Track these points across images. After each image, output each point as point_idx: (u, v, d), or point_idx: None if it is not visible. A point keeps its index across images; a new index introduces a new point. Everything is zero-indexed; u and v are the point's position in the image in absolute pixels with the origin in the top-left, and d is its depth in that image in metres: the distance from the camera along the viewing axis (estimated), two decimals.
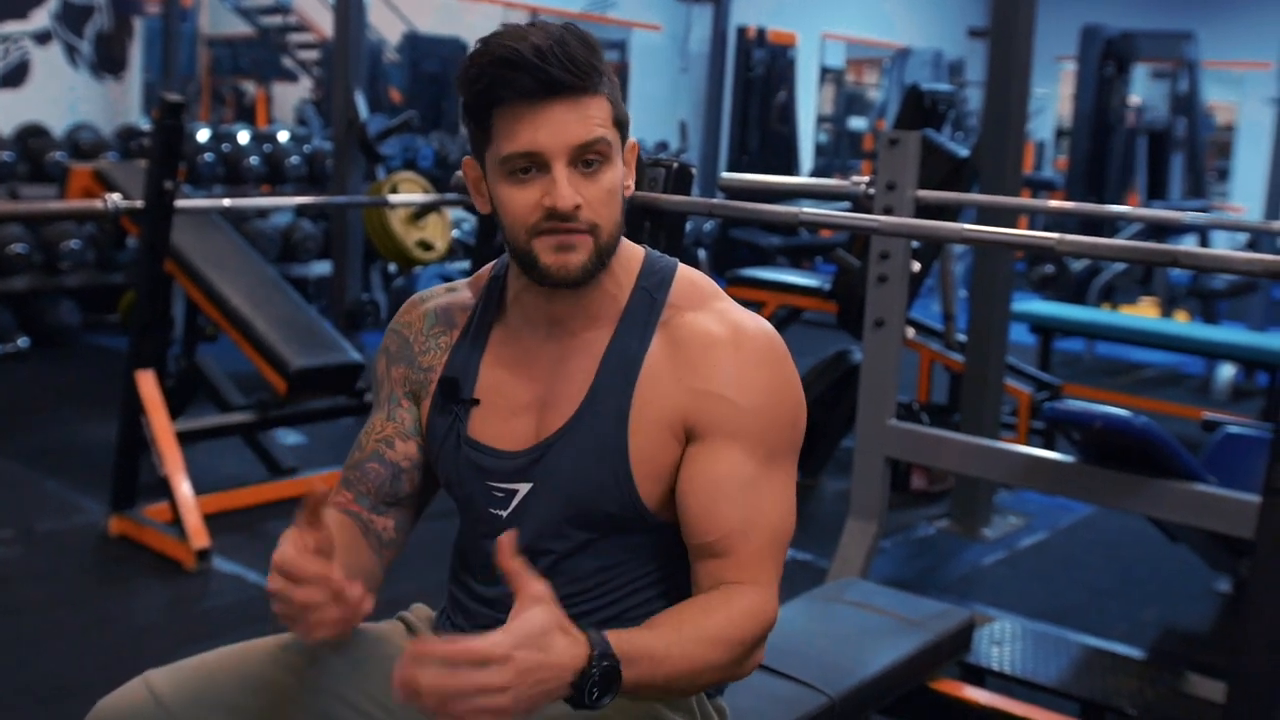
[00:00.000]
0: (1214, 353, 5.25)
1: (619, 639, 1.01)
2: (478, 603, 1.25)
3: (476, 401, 1.22)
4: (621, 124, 1.15)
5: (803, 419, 1.19)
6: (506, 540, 0.98)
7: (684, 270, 1.23)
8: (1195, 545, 2.99)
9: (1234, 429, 3.01)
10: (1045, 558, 3.49)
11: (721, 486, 1.14)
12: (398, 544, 1.29)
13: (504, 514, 1.21)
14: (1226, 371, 5.67)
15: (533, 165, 1.10)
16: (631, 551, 1.20)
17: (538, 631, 0.95)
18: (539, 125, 1.08)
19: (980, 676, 2.23)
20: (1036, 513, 3.83)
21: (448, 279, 5.44)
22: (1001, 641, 2.35)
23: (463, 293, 1.29)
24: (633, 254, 1.22)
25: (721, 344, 1.16)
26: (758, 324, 1.19)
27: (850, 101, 12.22)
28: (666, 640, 1.07)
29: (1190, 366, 6.28)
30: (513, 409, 1.20)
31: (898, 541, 3.54)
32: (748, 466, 1.14)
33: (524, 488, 1.19)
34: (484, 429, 1.21)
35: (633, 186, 1.19)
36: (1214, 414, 3.37)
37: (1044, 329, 5.24)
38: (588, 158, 1.11)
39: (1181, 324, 5.96)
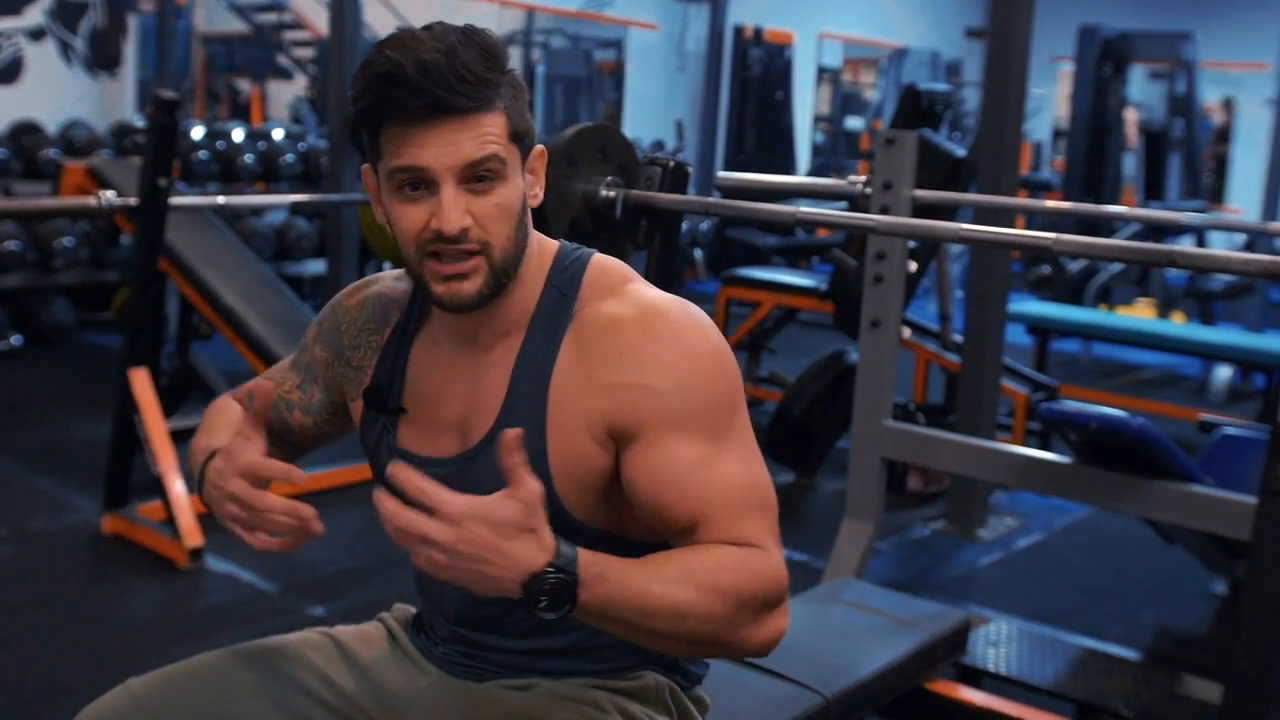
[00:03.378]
0: (1211, 354, 5.25)
1: (591, 556, 0.97)
2: (439, 614, 1.25)
3: (404, 410, 1.20)
4: (520, 136, 1.09)
5: (736, 383, 1.12)
6: (511, 436, 0.94)
7: (597, 259, 1.17)
8: (1191, 547, 2.99)
9: (1231, 430, 3.01)
10: (1041, 559, 3.48)
11: (672, 474, 1.07)
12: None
13: None
14: (1223, 373, 5.67)
15: (420, 183, 1.06)
16: None
17: (501, 517, 0.93)
18: (425, 144, 1.04)
19: (976, 678, 2.22)
20: (1032, 514, 3.83)
21: None
22: (997, 643, 2.34)
23: (404, 283, 1.25)
24: (545, 252, 1.17)
25: (627, 326, 1.09)
26: (668, 299, 1.13)
27: (847, 101, 12.21)
28: (647, 571, 1.00)
29: (1187, 368, 6.28)
30: (436, 421, 1.18)
31: (893, 542, 3.53)
32: (691, 449, 1.07)
33: None
34: (411, 439, 1.20)
35: (540, 195, 1.14)
36: (1211, 415, 3.37)
37: (1040, 330, 5.23)
38: (479, 174, 1.06)
39: (1178, 325, 5.95)
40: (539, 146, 1.14)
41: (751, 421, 1.16)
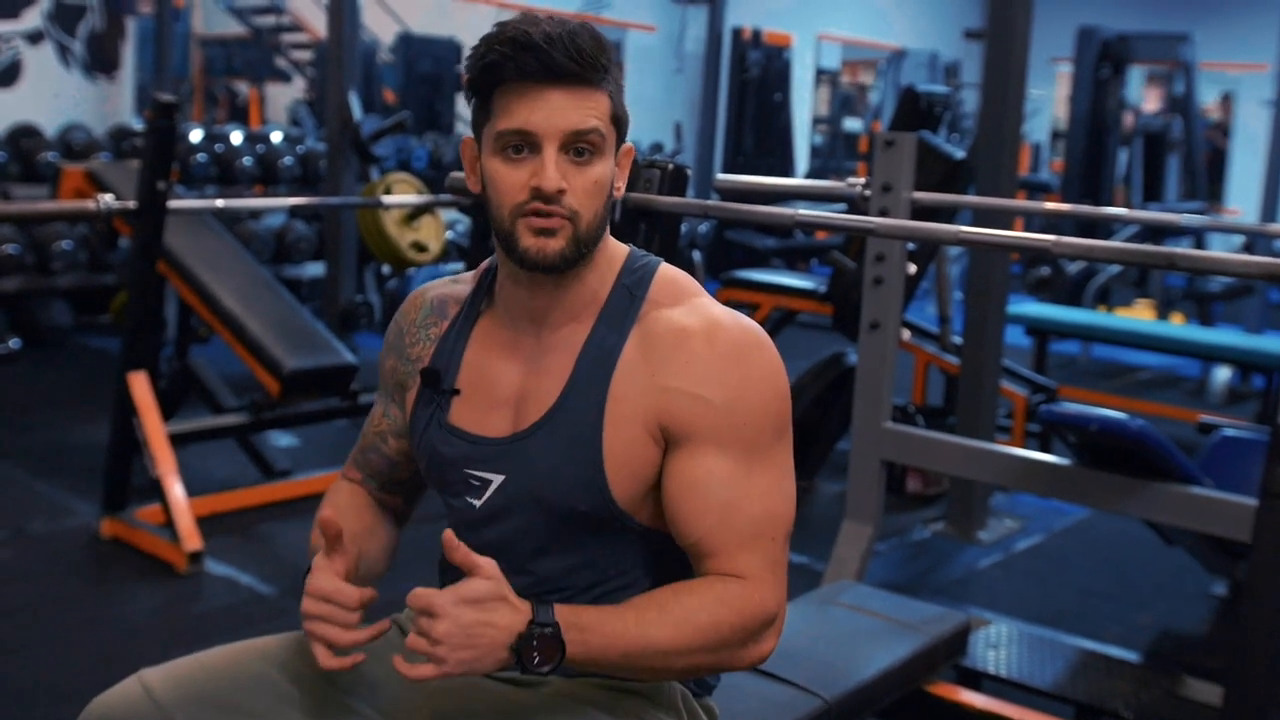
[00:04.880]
0: (1210, 355, 5.25)
1: (567, 610, 1.08)
2: None
3: (457, 391, 1.23)
4: (619, 123, 1.16)
5: (786, 407, 1.18)
6: (450, 536, 1.07)
7: (665, 269, 1.23)
8: (1191, 548, 2.99)
9: (1230, 432, 3.01)
10: (1040, 561, 3.48)
11: (698, 488, 1.14)
12: (408, 514, 1.39)
13: (478, 503, 1.21)
14: (1222, 374, 5.66)
15: (525, 145, 1.12)
16: (607, 554, 1.20)
17: (478, 595, 1.04)
18: (536, 107, 1.10)
19: (976, 680, 2.22)
20: (1032, 515, 3.82)
21: None
22: (997, 645, 2.34)
23: (462, 285, 1.30)
24: (616, 252, 1.22)
25: (694, 337, 1.15)
26: (734, 318, 1.18)
27: (845, 103, 12.22)
28: (626, 618, 1.10)
29: (1186, 369, 6.28)
30: (492, 401, 1.21)
31: (893, 544, 3.53)
32: (724, 465, 1.14)
33: (497, 479, 1.20)
34: (463, 416, 1.23)
35: (623, 189, 1.20)
36: (1210, 416, 3.37)
37: (1039, 331, 5.23)
38: (579, 146, 1.12)
39: (1177, 326, 5.95)
40: (628, 144, 1.19)
41: None
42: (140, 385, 3.19)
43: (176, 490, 3.10)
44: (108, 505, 3.22)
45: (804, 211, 2.45)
